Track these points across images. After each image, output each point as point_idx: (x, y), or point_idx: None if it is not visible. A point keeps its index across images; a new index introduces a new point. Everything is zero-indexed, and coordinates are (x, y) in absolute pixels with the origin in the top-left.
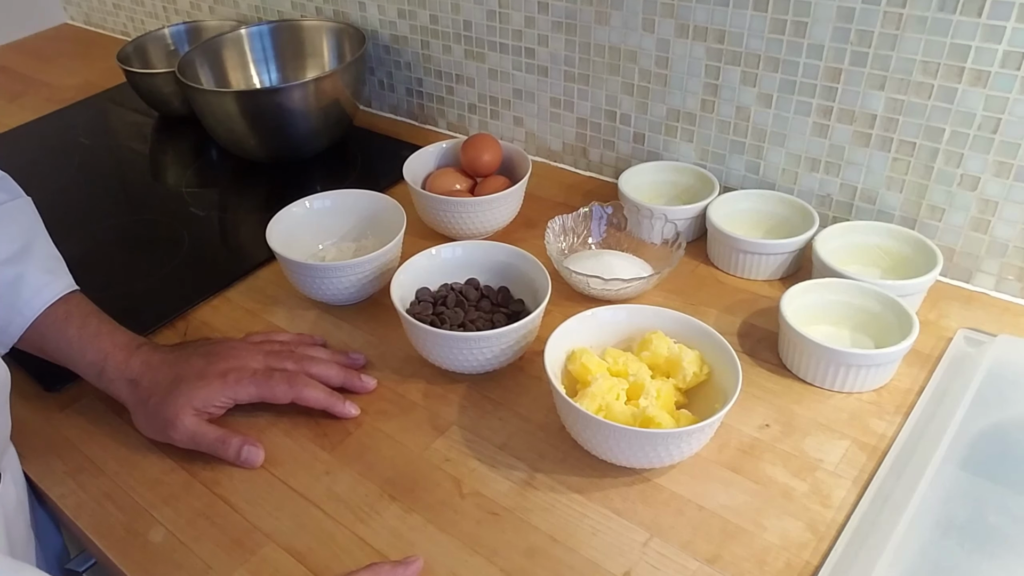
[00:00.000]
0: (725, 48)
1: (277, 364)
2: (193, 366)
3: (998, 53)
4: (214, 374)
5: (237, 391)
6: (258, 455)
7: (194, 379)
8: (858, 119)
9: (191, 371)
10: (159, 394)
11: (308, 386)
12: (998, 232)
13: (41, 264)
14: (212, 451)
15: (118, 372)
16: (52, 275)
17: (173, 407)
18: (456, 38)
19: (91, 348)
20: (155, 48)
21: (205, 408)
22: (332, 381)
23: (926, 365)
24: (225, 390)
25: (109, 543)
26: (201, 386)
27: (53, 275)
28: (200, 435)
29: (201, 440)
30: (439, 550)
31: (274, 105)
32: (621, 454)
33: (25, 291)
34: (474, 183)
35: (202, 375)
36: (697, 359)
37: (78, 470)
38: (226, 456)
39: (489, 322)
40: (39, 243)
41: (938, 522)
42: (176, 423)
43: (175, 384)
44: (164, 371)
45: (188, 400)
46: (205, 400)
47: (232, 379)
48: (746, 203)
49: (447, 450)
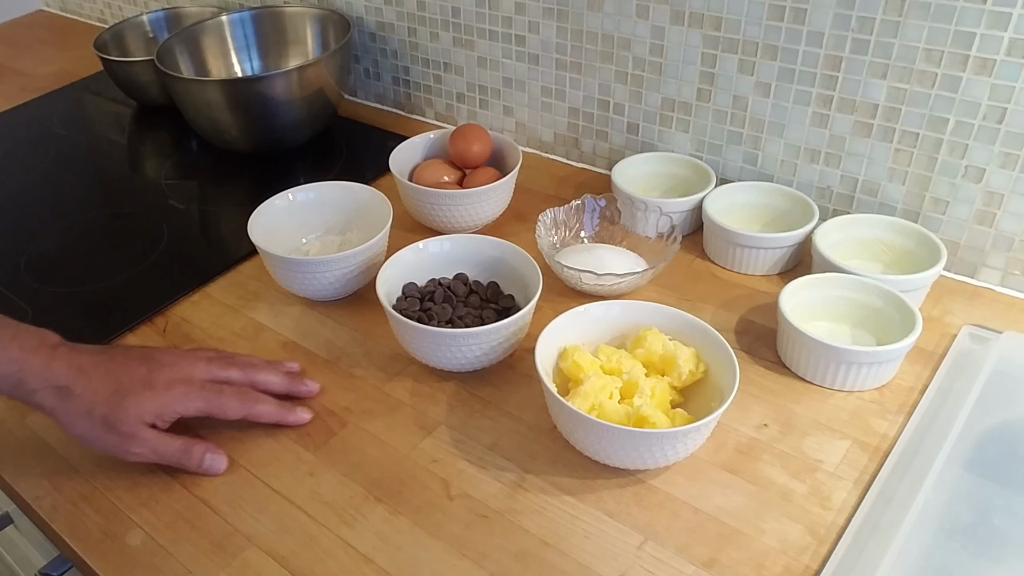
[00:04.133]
0: (722, 35)
1: (221, 373)
2: (134, 373)
3: (1004, 41)
4: (160, 384)
5: (186, 404)
6: (222, 462)
7: (140, 388)
8: (859, 109)
9: (134, 379)
10: (104, 405)
11: (259, 401)
12: (1004, 225)
13: None
14: (175, 463)
15: (40, 380)
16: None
17: (127, 421)
18: (444, 25)
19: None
20: (133, 35)
21: (156, 419)
22: (277, 388)
23: (929, 363)
24: (174, 404)
25: (85, 547)
26: (149, 397)
27: None
28: (163, 447)
29: (165, 452)
30: (426, 554)
31: (256, 94)
32: (615, 455)
33: None
34: (463, 175)
35: (148, 384)
36: (693, 357)
37: (54, 471)
38: (189, 466)
39: (478, 318)
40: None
41: (942, 525)
42: (136, 438)
43: (120, 395)
44: (101, 377)
45: (139, 413)
46: (157, 412)
47: (180, 392)
48: (743, 195)
49: (435, 451)
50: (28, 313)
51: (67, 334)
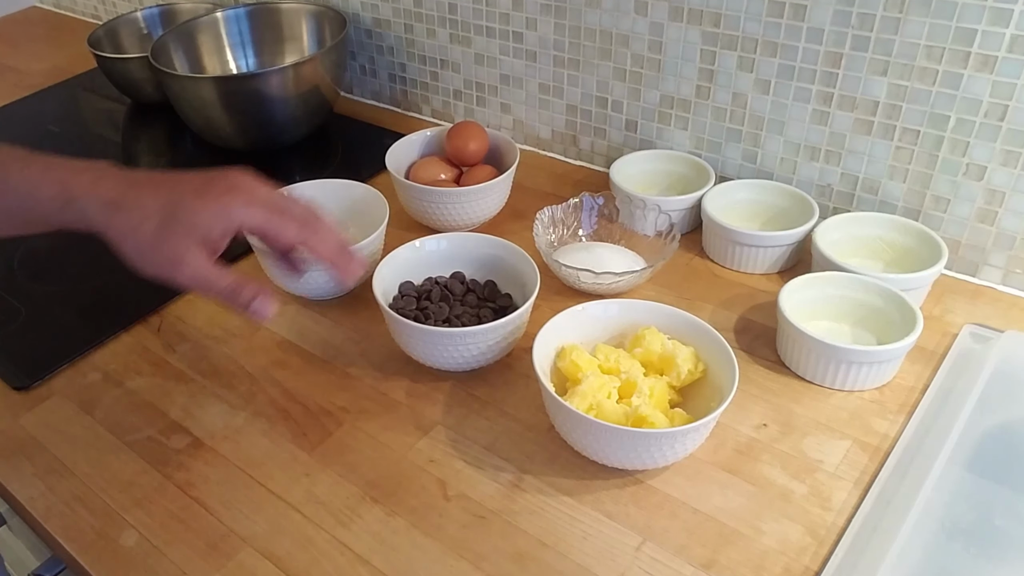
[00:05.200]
0: (721, 32)
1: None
2: (188, 183)
3: (1005, 37)
4: (216, 192)
5: (241, 215)
6: (270, 308)
7: (192, 198)
8: (860, 106)
9: (187, 189)
10: (153, 220)
11: (320, 232)
12: (1005, 223)
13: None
14: (223, 296)
15: (89, 197)
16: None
17: (173, 244)
18: (441, 21)
19: (46, 182)
20: (127, 32)
21: (208, 236)
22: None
23: (930, 362)
24: (229, 212)
25: (79, 547)
26: (200, 208)
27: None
28: (213, 279)
29: (212, 285)
30: (423, 555)
31: (251, 91)
32: (613, 455)
33: None
34: (460, 173)
35: (201, 193)
36: (692, 356)
37: (47, 471)
38: (236, 305)
39: (475, 317)
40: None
41: (943, 525)
42: (184, 261)
43: (171, 208)
44: (152, 189)
45: (188, 232)
46: (207, 227)
47: (239, 201)
48: (743, 193)
49: (431, 451)
50: (21, 312)
51: (61, 333)
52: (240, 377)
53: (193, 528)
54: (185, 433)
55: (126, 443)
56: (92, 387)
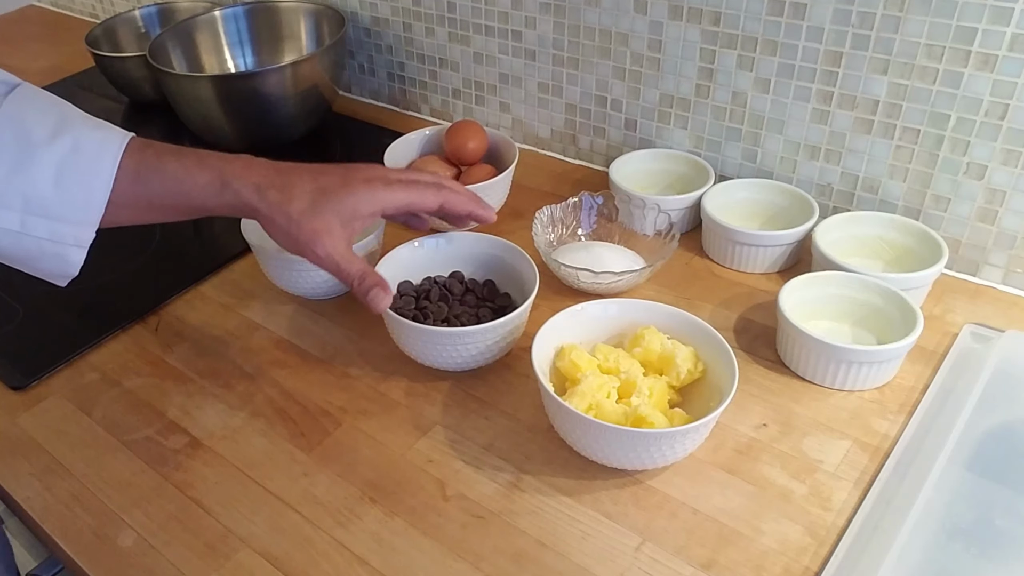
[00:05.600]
0: (721, 31)
1: (416, 176)
2: (332, 173)
3: (1006, 36)
4: (358, 180)
5: (386, 197)
6: (385, 301)
7: (339, 187)
8: (860, 105)
9: (333, 180)
10: (302, 201)
11: (453, 190)
12: (1006, 223)
13: (88, 123)
14: (347, 279)
15: (241, 180)
16: (105, 130)
17: (321, 219)
18: (440, 20)
19: (202, 170)
20: (125, 31)
21: (353, 219)
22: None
23: (931, 362)
24: (375, 195)
25: (77, 548)
26: (347, 193)
27: (107, 129)
28: (344, 261)
29: (343, 267)
30: (422, 555)
31: (250, 90)
32: (612, 455)
33: (89, 151)
34: (459, 172)
35: (347, 182)
36: (691, 356)
37: (45, 471)
38: (356, 290)
39: (474, 317)
40: (71, 109)
41: (943, 525)
42: (323, 239)
43: (319, 193)
44: (299, 176)
45: (336, 211)
46: (354, 209)
47: (380, 184)
48: (742, 193)
49: (430, 451)
50: (19, 312)
51: (58, 333)
52: (238, 377)
53: (191, 528)
54: (183, 433)
55: (124, 443)
56: (90, 387)
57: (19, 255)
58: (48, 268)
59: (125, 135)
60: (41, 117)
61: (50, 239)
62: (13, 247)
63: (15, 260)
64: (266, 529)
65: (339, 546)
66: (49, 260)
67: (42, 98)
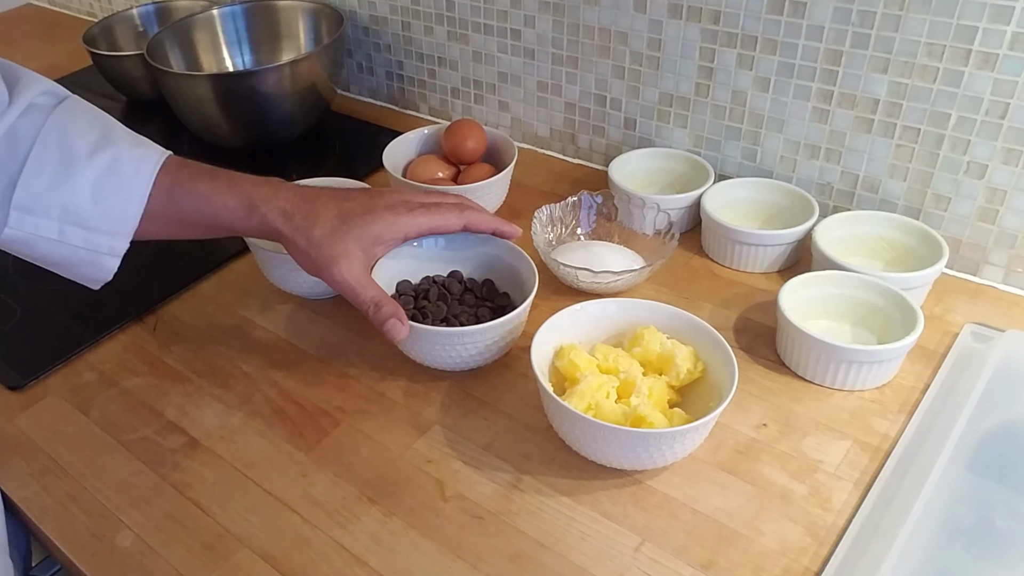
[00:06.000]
0: (720, 29)
1: (439, 199)
2: (355, 200)
3: (1007, 35)
4: (382, 206)
5: (409, 223)
6: (403, 332)
7: (362, 213)
8: (860, 104)
9: (356, 206)
10: (324, 226)
11: (475, 210)
12: (1007, 222)
13: (129, 140)
14: (362, 308)
15: (269, 205)
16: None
17: (341, 243)
18: (438, 19)
19: (232, 193)
20: (123, 29)
21: (375, 245)
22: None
23: (931, 362)
24: (397, 222)
25: (75, 548)
26: (370, 220)
27: (145, 147)
28: (361, 287)
29: (360, 292)
30: (420, 556)
31: (248, 89)
32: (611, 455)
33: (127, 168)
34: (457, 171)
35: (370, 209)
36: (691, 356)
37: (43, 472)
38: (373, 319)
39: (473, 317)
40: (114, 125)
41: (944, 526)
42: (340, 263)
43: (342, 219)
44: (324, 202)
45: (357, 237)
46: (376, 235)
47: (403, 210)
48: (742, 192)
49: (429, 451)
50: (16, 311)
51: (56, 333)
52: (236, 377)
53: (189, 529)
54: (181, 433)
55: (122, 443)
56: (87, 387)
57: (57, 260)
58: (83, 273)
59: (163, 153)
60: (85, 131)
61: (86, 247)
62: (52, 253)
63: (53, 264)
64: (264, 529)
65: (337, 546)
66: (85, 266)
67: (87, 112)
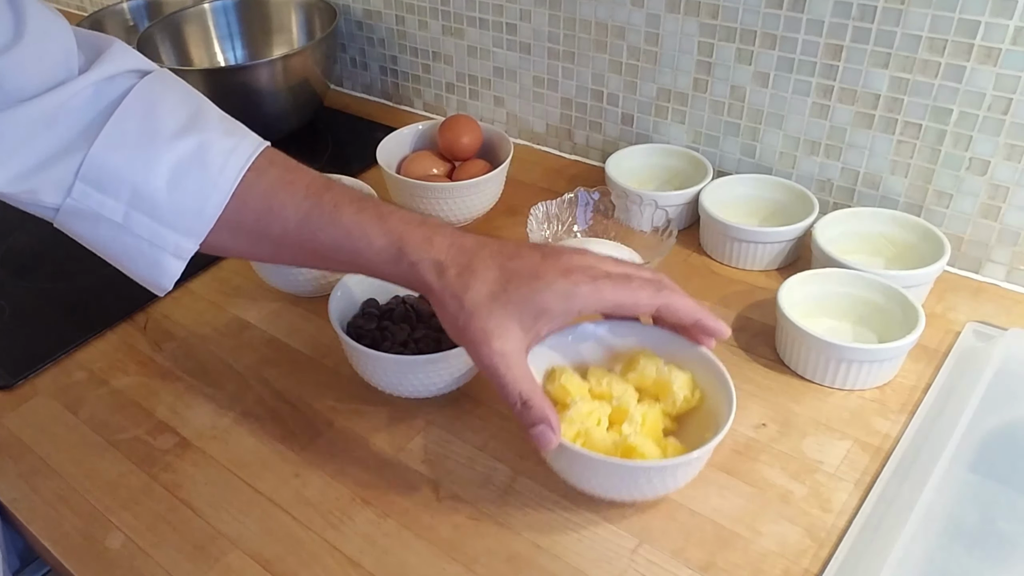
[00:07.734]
0: (719, 24)
1: (630, 269)
2: (525, 258)
3: (1009, 29)
4: (556, 270)
5: (588, 295)
6: (552, 441)
7: (529, 277)
8: (860, 99)
9: (524, 265)
10: (481, 289)
11: (674, 291)
12: (1009, 219)
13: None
14: (507, 401)
15: (420, 252)
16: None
17: (495, 318)
18: (433, 13)
19: (380, 232)
20: (113, 24)
21: (539, 318)
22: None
23: (933, 361)
24: (573, 292)
25: (64, 550)
26: (539, 287)
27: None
28: (511, 378)
29: (507, 383)
30: (415, 557)
31: (240, 84)
32: (599, 486)
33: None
34: (452, 167)
35: (539, 274)
36: (688, 383)
37: (31, 472)
38: (521, 419)
39: (435, 342)
40: (208, 108)
41: (945, 527)
42: (491, 343)
43: (504, 281)
44: (484, 258)
45: (518, 308)
46: (543, 307)
47: (583, 278)
48: (741, 188)
49: (423, 451)
50: (5, 310)
51: (45, 331)
52: (228, 376)
53: (180, 530)
54: (172, 433)
55: (112, 443)
56: (77, 386)
57: (117, 251)
58: (142, 273)
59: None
60: (173, 108)
61: (150, 240)
62: (113, 241)
63: (113, 256)
64: (256, 531)
65: (331, 548)
66: (145, 264)
67: (179, 89)
